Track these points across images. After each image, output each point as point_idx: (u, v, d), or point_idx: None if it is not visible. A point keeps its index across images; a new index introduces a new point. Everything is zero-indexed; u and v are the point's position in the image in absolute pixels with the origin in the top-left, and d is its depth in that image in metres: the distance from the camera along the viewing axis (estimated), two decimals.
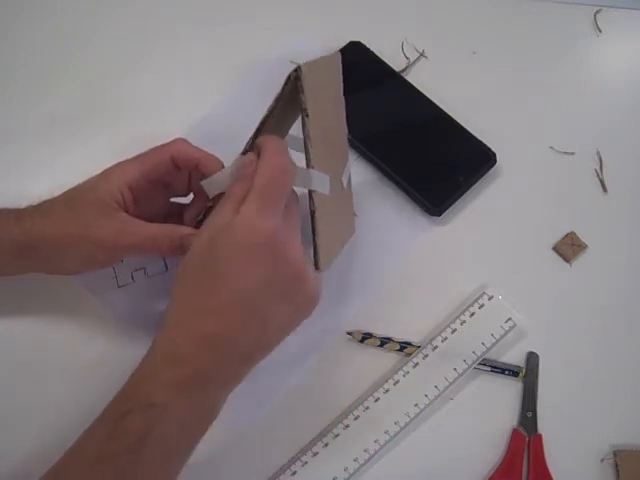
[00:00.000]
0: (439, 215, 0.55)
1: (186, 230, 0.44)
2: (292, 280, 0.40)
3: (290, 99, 0.41)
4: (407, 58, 0.62)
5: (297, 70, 0.40)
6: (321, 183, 0.43)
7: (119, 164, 0.45)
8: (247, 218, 0.39)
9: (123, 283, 0.52)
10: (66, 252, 0.44)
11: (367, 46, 0.61)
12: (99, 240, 0.43)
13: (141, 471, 0.37)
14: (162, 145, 0.46)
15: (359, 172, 0.57)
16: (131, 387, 0.39)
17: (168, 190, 0.48)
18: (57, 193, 0.46)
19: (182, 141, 0.47)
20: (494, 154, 0.56)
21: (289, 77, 0.40)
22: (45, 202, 0.46)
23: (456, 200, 0.55)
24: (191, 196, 0.50)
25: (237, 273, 0.39)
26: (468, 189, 0.56)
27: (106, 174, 0.45)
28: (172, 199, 0.50)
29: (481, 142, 0.57)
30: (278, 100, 0.42)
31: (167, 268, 0.52)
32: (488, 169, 0.56)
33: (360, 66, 0.60)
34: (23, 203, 0.46)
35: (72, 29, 0.62)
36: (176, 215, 0.49)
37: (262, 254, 0.39)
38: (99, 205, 0.43)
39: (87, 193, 0.44)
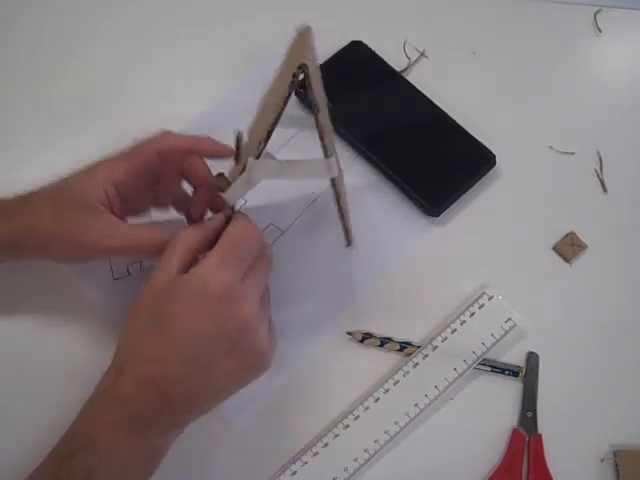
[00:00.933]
0: (437, 216, 0.55)
1: (167, 235, 0.44)
2: (239, 335, 0.40)
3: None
4: (408, 58, 0.62)
5: (303, 68, 0.40)
6: (336, 169, 0.44)
7: (105, 162, 0.45)
8: (205, 270, 0.40)
9: (119, 276, 0.52)
10: (52, 248, 0.44)
11: (368, 46, 0.61)
12: (84, 242, 0.43)
13: None
14: (149, 140, 0.46)
15: (359, 172, 0.57)
16: (76, 428, 0.39)
17: (157, 180, 0.48)
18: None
19: (168, 134, 0.46)
20: (494, 156, 0.56)
21: (294, 75, 0.40)
22: (31, 195, 0.45)
23: (455, 201, 0.55)
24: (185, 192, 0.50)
25: (185, 322, 0.39)
26: (467, 190, 0.56)
27: (92, 173, 0.45)
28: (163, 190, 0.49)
29: (481, 143, 0.57)
30: (286, 101, 0.41)
31: None
32: (487, 170, 0.56)
33: (361, 66, 0.60)
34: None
35: (72, 29, 0.62)
36: (167, 204, 0.49)
37: (212, 307, 0.39)
38: (85, 206, 0.43)
39: (73, 192, 0.44)
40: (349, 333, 0.51)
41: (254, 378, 0.42)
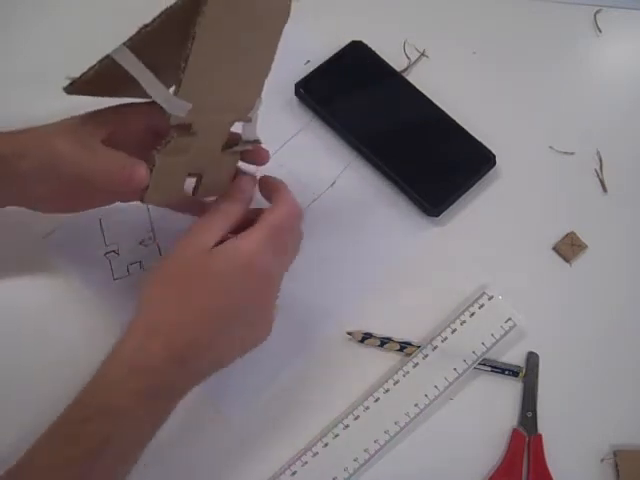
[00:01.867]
0: (437, 216, 0.55)
1: (136, 160, 0.41)
2: (262, 310, 0.43)
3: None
4: (408, 58, 0.62)
5: None
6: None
7: (96, 117, 0.43)
8: (252, 247, 0.41)
9: (119, 276, 0.52)
10: (40, 171, 0.42)
11: (369, 46, 0.61)
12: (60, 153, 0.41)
13: (96, 475, 0.38)
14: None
15: (358, 172, 0.57)
16: (94, 393, 0.39)
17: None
18: None
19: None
20: (494, 156, 0.56)
21: None
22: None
23: (455, 201, 0.55)
24: None
25: (222, 295, 0.40)
26: (467, 190, 0.56)
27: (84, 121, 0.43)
28: None
29: (481, 143, 0.57)
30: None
31: None
32: (487, 170, 0.56)
33: (361, 66, 0.60)
34: None
35: (73, 24, 0.62)
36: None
37: (251, 282, 0.41)
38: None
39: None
40: (349, 333, 0.51)
41: (255, 346, 0.44)
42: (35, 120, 0.51)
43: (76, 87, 0.41)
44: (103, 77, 0.39)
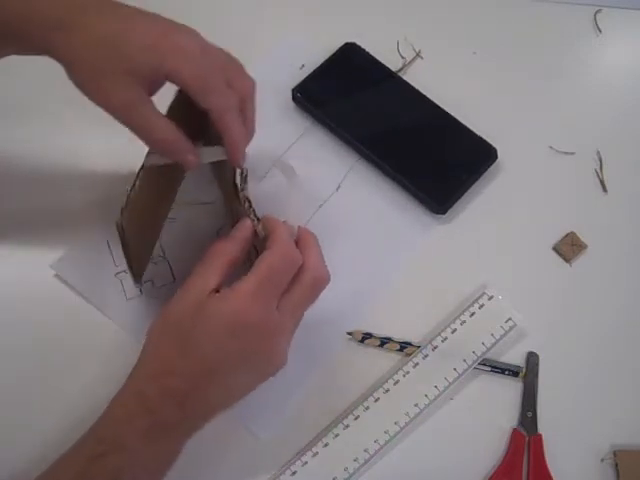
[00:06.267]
0: (444, 213, 0.55)
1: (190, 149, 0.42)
2: (265, 354, 0.41)
3: None
4: (403, 58, 0.62)
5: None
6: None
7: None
8: (238, 303, 0.39)
9: (131, 296, 0.51)
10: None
11: (363, 47, 0.61)
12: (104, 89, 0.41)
13: None
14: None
15: (360, 174, 0.57)
16: (105, 429, 0.40)
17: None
18: None
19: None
20: (495, 149, 0.57)
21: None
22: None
23: (459, 198, 0.55)
24: None
25: (214, 346, 0.40)
26: (471, 186, 0.56)
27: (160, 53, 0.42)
28: None
29: (481, 138, 0.57)
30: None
31: (174, 279, 0.52)
32: (489, 165, 0.56)
33: (357, 67, 0.60)
34: None
35: None
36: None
37: (244, 334, 0.40)
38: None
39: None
40: (349, 333, 0.51)
41: (266, 380, 0.43)
42: None
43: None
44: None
